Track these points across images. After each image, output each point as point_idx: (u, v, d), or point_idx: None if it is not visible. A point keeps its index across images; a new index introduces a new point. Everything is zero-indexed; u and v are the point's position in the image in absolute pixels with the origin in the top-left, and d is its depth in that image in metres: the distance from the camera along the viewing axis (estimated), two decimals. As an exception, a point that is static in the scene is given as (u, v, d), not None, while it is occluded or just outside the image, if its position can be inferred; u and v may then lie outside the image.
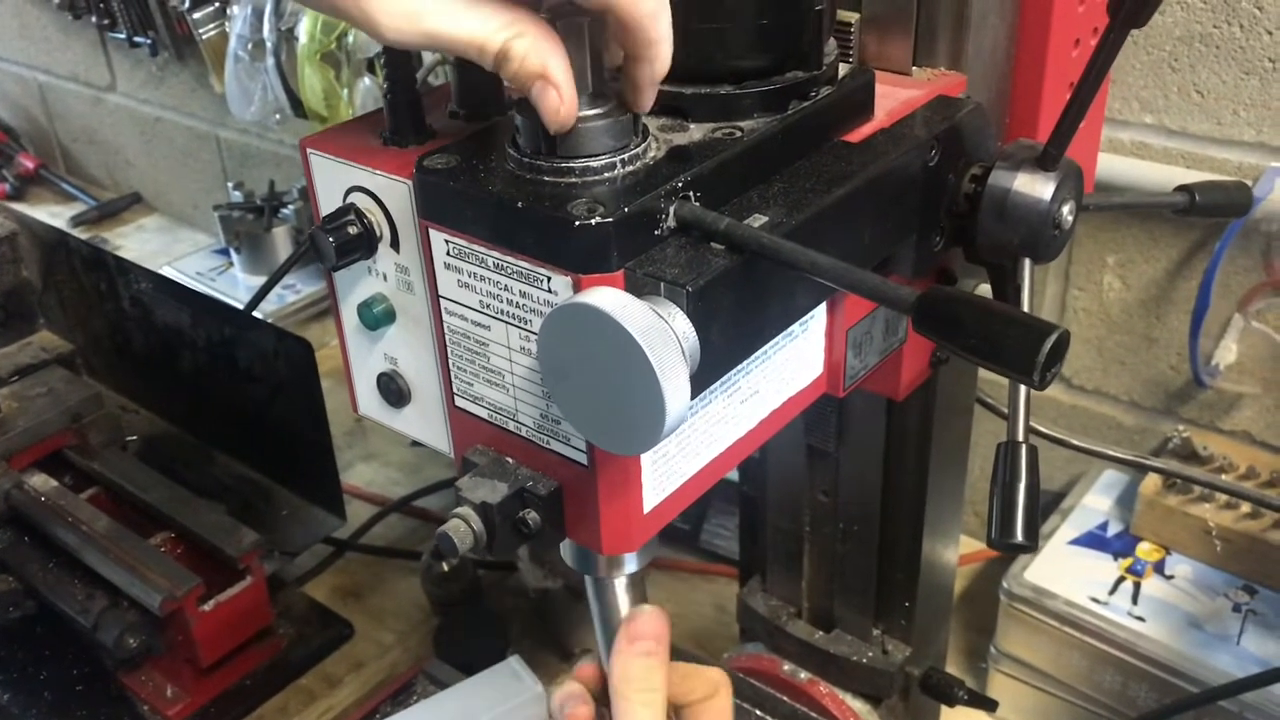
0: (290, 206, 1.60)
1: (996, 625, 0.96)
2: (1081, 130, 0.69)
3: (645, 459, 0.51)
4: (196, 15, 1.51)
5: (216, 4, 1.49)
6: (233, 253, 1.63)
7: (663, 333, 0.42)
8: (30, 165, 2.01)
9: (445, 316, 0.52)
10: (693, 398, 0.45)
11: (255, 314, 1.07)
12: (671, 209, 0.47)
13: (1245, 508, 0.92)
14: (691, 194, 0.47)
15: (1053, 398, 1.09)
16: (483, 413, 0.53)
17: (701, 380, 0.46)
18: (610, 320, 0.41)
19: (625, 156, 0.47)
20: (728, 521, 1.15)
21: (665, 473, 0.52)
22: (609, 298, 0.42)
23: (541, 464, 0.51)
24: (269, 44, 1.39)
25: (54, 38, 1.90)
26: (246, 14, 1.42)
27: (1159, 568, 0.94)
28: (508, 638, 1.06)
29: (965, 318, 0.41)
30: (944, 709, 0.93)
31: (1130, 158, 0.95)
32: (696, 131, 0.51)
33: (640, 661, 0.54)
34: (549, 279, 0.46)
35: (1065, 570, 0.94)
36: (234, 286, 1.60)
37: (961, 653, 1.05)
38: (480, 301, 0.50)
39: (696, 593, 1.13)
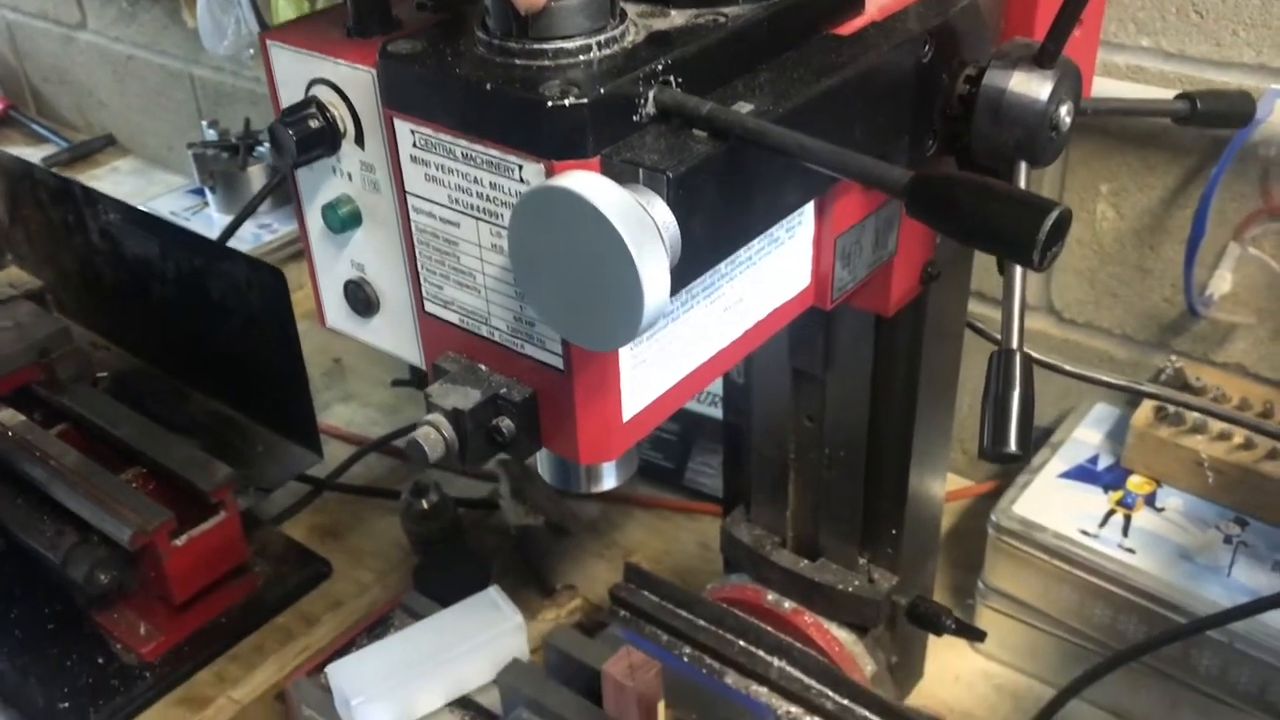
0: (266, 144, 1.57)
1: (984, 560, 0.95)
2: (1079, 40, 0.67)
3: (624, 365, 0.48)
4: (167, -54, 1.46)
5: (187, -66, 1.45)
6: (208, 192, 1.59)
7: (641, 218, 0.40)
8: None
9: (413, 215, 0.49)
10: (673, 295, 0.43)
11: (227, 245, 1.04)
12: (651, 94, 0.44)
13: (1238, 439, 0.90)
14: (672, 79, 0.45)
15: (1043, 331, 1.07)
16: (454, 318, 0.51)
17: (682, 276, 0.44)
18: (585, 204, 0.39)
19: (601, 39, 0.45)
20: (712, 460, 1.14)
21: (645, 380, 0.50)
22: (584, 180, 0.39)
23: (515, 369, 0.49)
24: (242, -26, 1.36)
25: (22, -27, 1.85)
26: (218, -56, 1.38)
27: (1150, 500, 0.93)
28: (489, 575, 1.04)
29: (961, 198, 0.38)
30: (931, 642, 0.92)
31: (1127, 81, 0.92)
32: (678, 17, 0.48)
33: None
34: (520, 167, 0.44)
35: (1055, 503, 0.93)
36: (209, 226, 1.56)
37: (948, 589, 1.04)
38: (449, 196, 0.47)
39: (681, 531, 1.12)
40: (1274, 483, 0.88)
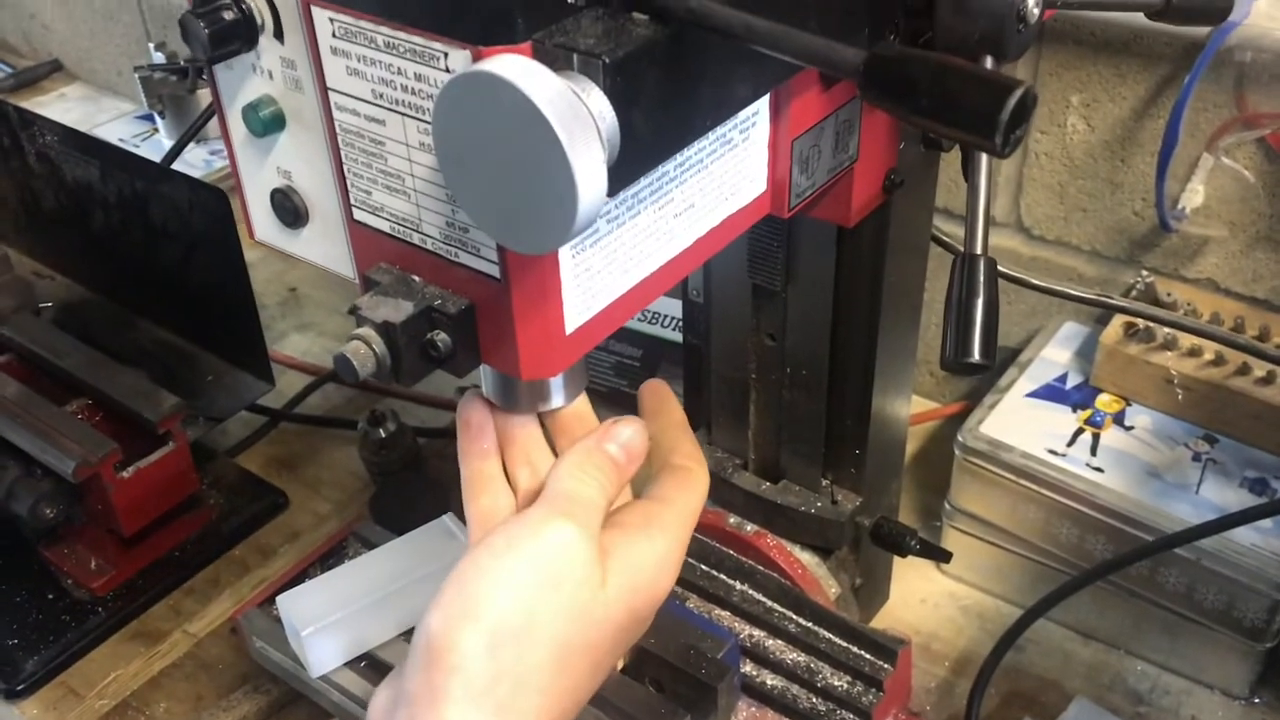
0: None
1: (951, 481, 0.93)
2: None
3: (566, 273, 0.46)
4: None
5: None
6: (157, 118, 1.54)
7: (573, 106, 0.37)
8: (-61, 31, 1.89)
9: (336, 113, 0.46)
10: (614, 194, 0.40)
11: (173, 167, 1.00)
12: (587, -26, 0.41)
13: (1208, 354, 0.89)
14: (609, -41, 0.41)
15: (1011, 249, 1.04)
16: (384, 225, 0.47)
17: (624, 174, 0.41)
18: (513, 89, 0.36)
19: (533, -85, 0.41)
20: (674, 386, 1.11)
21: (589, 289, 0.47)
22: (511, 64, 0.36)
23: (450, 281, 0.46)
24: (182, -116, 1.29)
25: (-45, -111, 1.77)
26: None
27: (1118, 419, 0.92)
28: (448, 505, 1.02)
29: (919, 77, 0.36)
30: (897, 564, 0.91)
31: (1098, -13, 0.89)
32: (618, -106, 0.45)
33: (600, 455, 0.51)
34: (445, 55, 0.40)
35: (1022, 423, 0.91)
36: (159, 152, 1.50)
37: (914, 512, 1.03)
38: (373, 91, 0.44)
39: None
40: (1244, 398, 0.87)
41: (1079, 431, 0.91)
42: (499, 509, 0.53)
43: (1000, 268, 0.80)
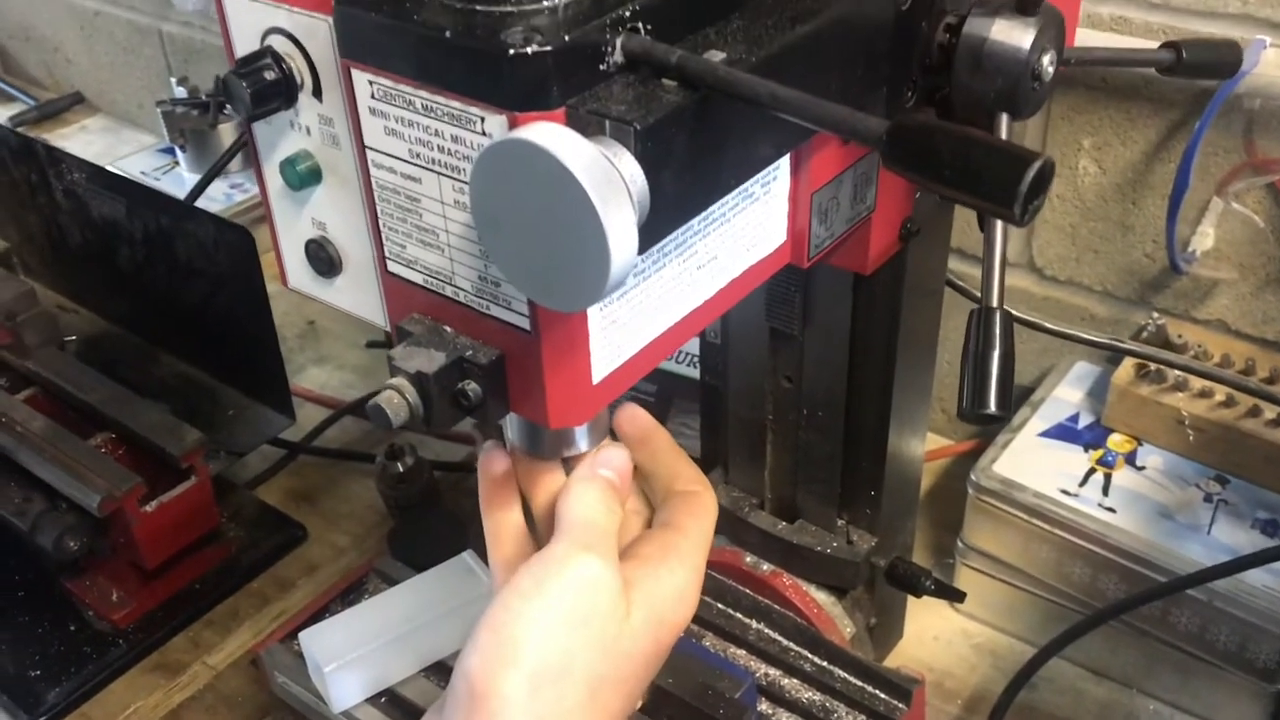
0: (236, 101, 1.53)
1: (964, 520, 0.94)
2: (1062, -12, 0.65)
3: (594, 325, 0.47)
4: (131, -104, 1.42)
5: (151, -116, 1.41)
6: (178, 151, 1.56)
7: (606, 172, 0.38)
8: (-36, 64, 1.92)
9: (373, 170, 0.47)
10: (643, 252, 0.42)
11: (197, 204, 1.02)
12: (619, 41, 0.42)
13: (1219, 396, 0.89)
14: (641, 26, 0.43)
15: (1024, 289, 1.06)
16: (417, 278, 0.49)
17: (652, 232, 0.42)
18: (548, 157, 0.37)
19: (566, -15, 0.43)
20: (690, 420, 1.12)
21: (616, 341, 0.48)
22: (547, 132, 0.38)
23: (481, 331, 0.48)
24: (208, -75, 1.32)
25: (-17, -74, 1.80)
26: (183, -107, 1.34)
27: (1130, 459, 0.92)
28: (465, 538, 1.03)
29: (941, 147, 0.37)
30: (911, 602, 0.92)
31: (1110, 33, 0.91)
32: (647, -38, 0.46)
33: (595, 480, 0.52)
34: (482, 119, 0.42)
35: (1035, 462, 0.92)
36: (180, 185, 1.53)
37: (928, 549, 1.03)
38: (409, 150, 0.45)
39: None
40: (1255, 440, 0.87)
41: (1091, 471, 0.91)
42: (523, 557, 0.54)
43: (1011, 309, 0.82)
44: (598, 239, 0.38)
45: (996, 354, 0.49)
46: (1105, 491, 0.90)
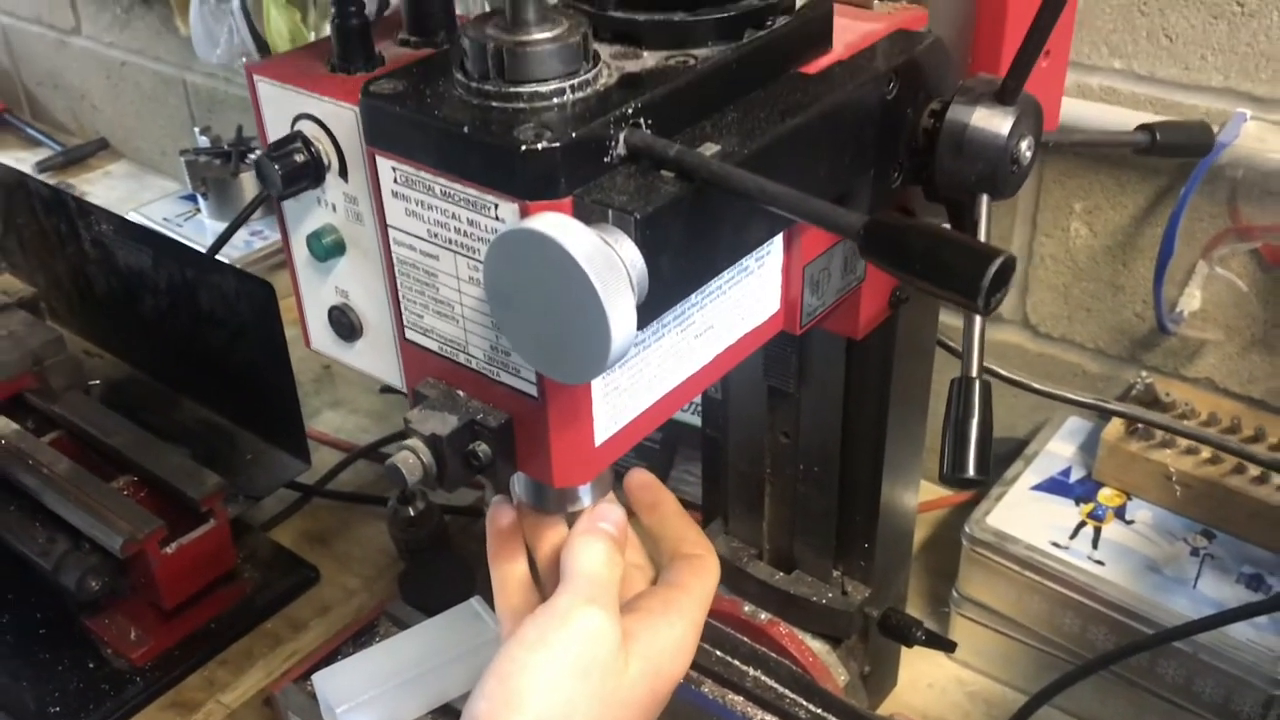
0: (258, 151, 1.58)
1: (959, 570, 0.97)
2: (1046, 69, 0.69)
3: (597, 391, 0.50)
4: (160, -45, 1.48)
5: (181, -57, 1.46)
6: (200, 198, 1.61)
7: (608, 258, 0.41)
8: (-6, 110, 1.98)
9: (394, 247, 0.51)
10: (643, 327, 0.45)
11: (219, 258, 1.06)
12: (622, 136, 0.46)
13: (1205, 453, 0.92)
14: (643, 121, 0.47)
15: (1018, 345, 1.09)
16: (433, 345, 0.52)
17: (651, 309, 0.46)
18: (555, 245, 0.41)
19: (575, 82, 0.47)
20: (694, 468, 1.15)
21: (617, 405, 0.52)
22: (554, 222, 0.41)
23: (492, 396, 0.51)
24: (234, -15, 1.37)
25: (16, -21, 1.86)
26: (211, -47, 1.39)
27: (1120, 513, 0.95)
28: (474, 582, 1.06)
29: (912, 243, 0.40)
30: (905, 651, 0.94)
31: (1099, 103, 0.94)
32: (650, 59, 0.50)
33: (597, 533, 0.55)
34: (496, 206, 0.45)
35: (1027, 515, 0.95)
36: (201, 232, 1.58)
37: (925, 597, 1.06)
38: (428, 230, 0.49)
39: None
40: (1240, 496, 0.90)
41: (1081, 524, 0.94)
42: (529, 607, 0.57)
43: (1000, 369, 0.85)
44: (599, 320, 0.41)
45: (975, 421, 0.52)
46: (1095, 544, 0.92)
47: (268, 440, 1.07)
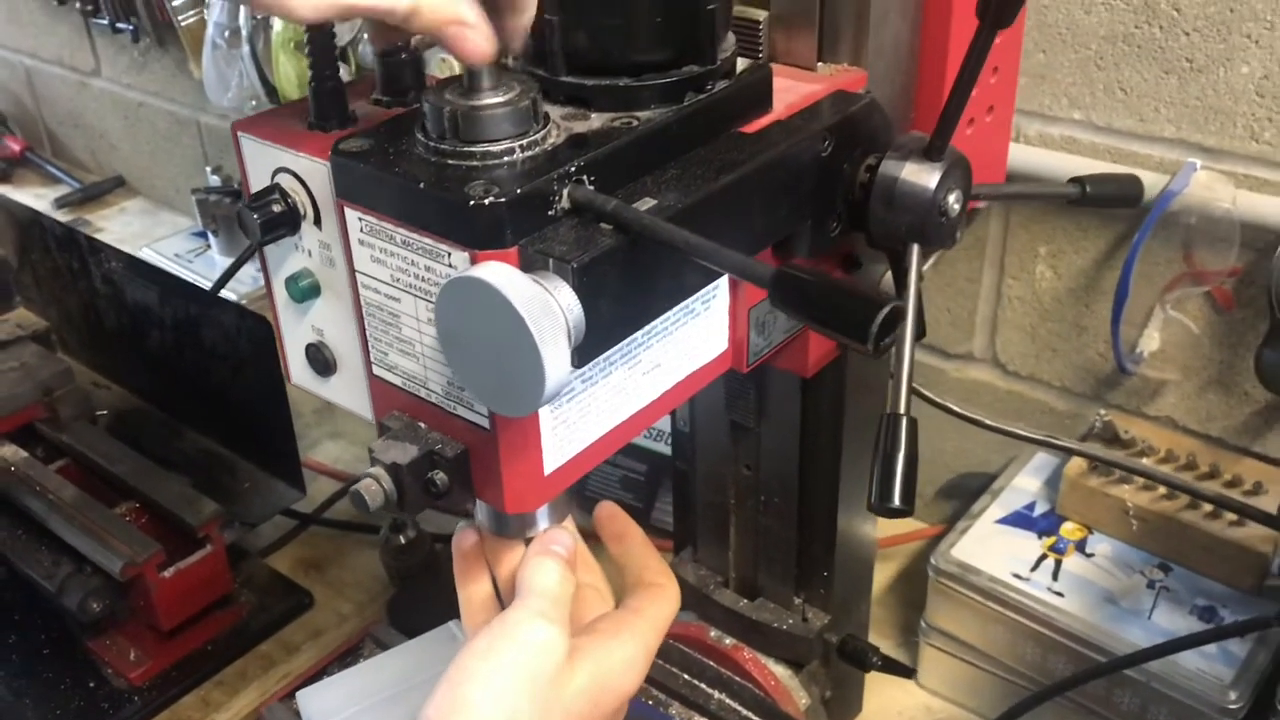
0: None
1: (926, 600, 1.00)
2: (991, 124, 0.73)
3: (545, 424, 0.54)
4: (176, 2, 1.54)
5: (195, -9, 1.53)
6: (210, 236, 1.67)
7: (545, 304, 0.46)
8: (16, 148, 2.04)
9: (361, 290, 0.56)
10: (582, 366, 0.49)
11: (222, 294, 1.11)
12: (566, 191, 0.50)
13: (1162, 489, 0.95)
14: (586, 178, 0.51)
15: (989, 383, 1.13)
16: (397, 380, 0.57)
17: (591, 349, 0.50)
18: (495, 292, 0.45)
19: (524, 142, 0.51)
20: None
21: (566, 437, 0.56)
22: (495, 271, 0.46)
23: (450, 428, 0.55)
24: (244, 32, 1.43)
25: (40, 23, 1.93)
26: (224, 2, 1.45)
27: (1080, 546, 0.98)
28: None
29: (812, 292, 0.45)
30: (877, 678, 0.97)
31: (1061, 152, 0.99)
32: (597, 120, 0.55)
33: (549, 554, 0.59)
34: (449, 254, 0.50)
35: (991, 548, 0.98)
36: (211, 268, 1.63)
37: (897, 628, 1.09)
38: (391, 276, 0.53)
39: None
40: (1195, 531, 0.93)
41: (1043, 557, 0.97)
42: None
43: (957, 407, 0.89)
44: (535, 359, 0.45)
45: (901, 455, 0.56)
46: (1055, 576, 0.95)
47: (265, 470, 1.12)
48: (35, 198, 1.93)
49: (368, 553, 1.19)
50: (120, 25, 1.70)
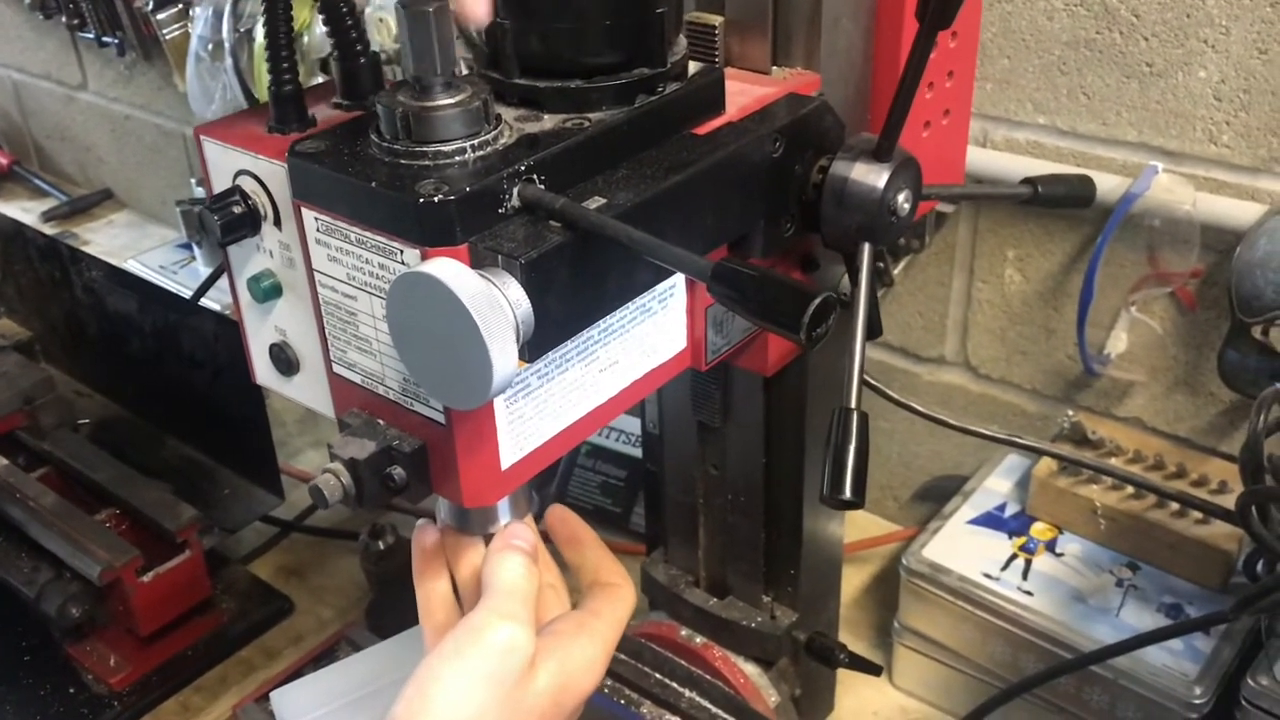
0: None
1: (899, 600, 1.01)
2: (948, 127, 0.75)
3: (501, 419, 0.55)
4: (160, 16, 1.56)
5: (179, 5, 1.54)
6: (195, 247, 1.68)
7: (491, 298, 0.47)
8: (4, 162, 2.06)
9: (319, 289, 0.57)
10: (532, 360, 0.51)
11: (203, 302, 1.12)
12: (516, 190, 0.52)
13: (1129, 489, 0.96)
14: (536, 177, 0.52)
15: (961, 386, 1.14)
16: (356, 378, 0.58)
17: (540, 344, 0.51)
18: (443, 287, 0.46)
19: (475, 142, 0.52)
20: (655, 504, 1.20)
21: (522, 433, 0.57)
22: (443, 267, 0.47)
23: (407, 424, 0.56)
24: (228, 45, 1.44)
25: (27, 37, 1.95)
26: (207, 15, 1.47)
27: (1050, 546, 0.99)
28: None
29: (747, 285, 0.46)
30: (852, 677, 0.98)
31: (1027, 156, 1.00)
32: (549, 121, 0.56)
33: (512, 549, 0.60)
34: (401, 252, 0.51)
35: (962, 548, 0.99)
36: (196, 280, 1.64)
37: (874, 628, 1.10)
38: (347, 274, 0.55)
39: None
40: (1161, 530, 0.94)
41: (1013, 557, 0.98)
42: (451, 623, 0.62)
43: (922, 408, 0.90)
44: (482, 354, 0.46)
45: (852, 448, 0.57)
46: (1025, 576, 0.96)
47: (244, 476, 1.13)
48: (23, 211, 1.94)
49: (348, 559, 1.20)
50: (106, 39, 1.71)
